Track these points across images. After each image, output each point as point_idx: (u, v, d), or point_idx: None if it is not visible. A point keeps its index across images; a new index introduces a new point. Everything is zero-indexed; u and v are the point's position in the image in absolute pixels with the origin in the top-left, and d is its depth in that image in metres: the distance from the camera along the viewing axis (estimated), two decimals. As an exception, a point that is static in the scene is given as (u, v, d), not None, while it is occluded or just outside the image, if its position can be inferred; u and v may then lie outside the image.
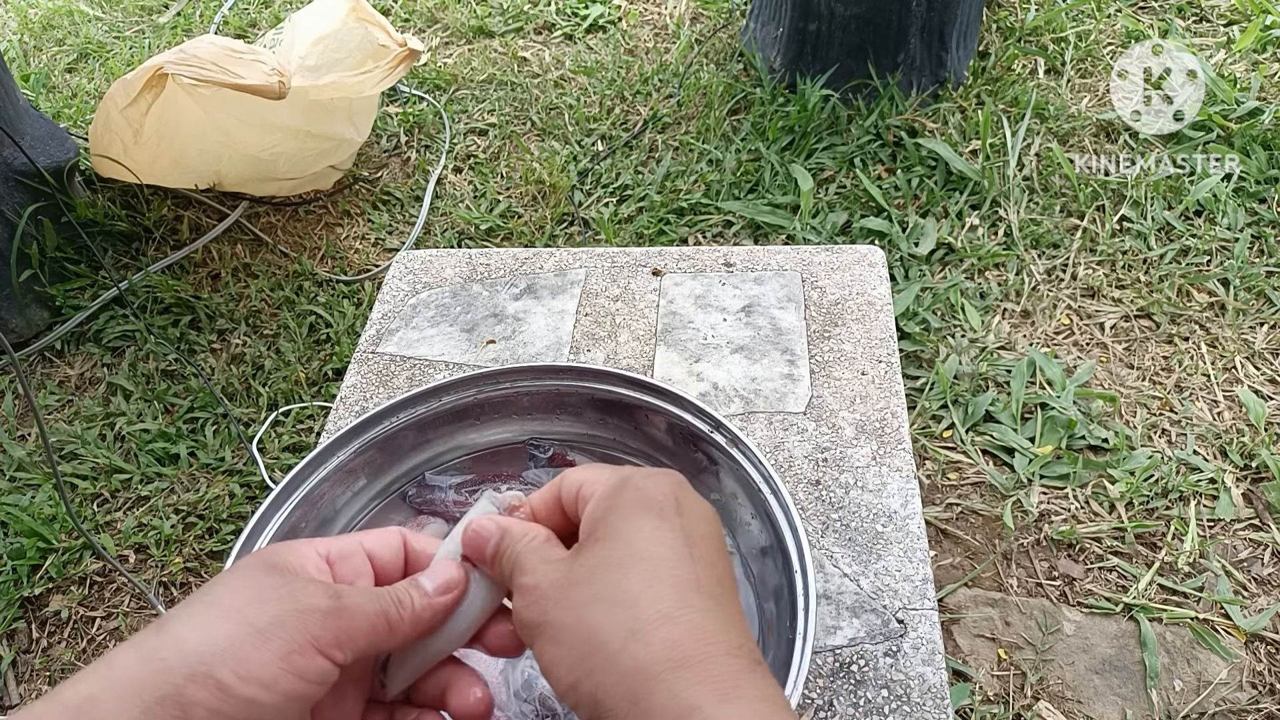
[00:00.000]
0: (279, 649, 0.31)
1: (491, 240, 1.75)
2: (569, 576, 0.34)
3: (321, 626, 0.32)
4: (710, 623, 0.32)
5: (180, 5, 2.59)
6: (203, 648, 0.31)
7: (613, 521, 0.34)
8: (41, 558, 1.28)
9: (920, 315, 1.49)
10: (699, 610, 0.32)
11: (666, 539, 0.34)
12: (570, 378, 0.68)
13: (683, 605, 0.32)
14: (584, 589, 0.33)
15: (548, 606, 0.33)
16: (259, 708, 0.31)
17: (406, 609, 0.36)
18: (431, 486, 0.68)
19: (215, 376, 1.52)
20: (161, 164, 1.62)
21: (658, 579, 0.33)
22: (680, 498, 0.36)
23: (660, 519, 0.34)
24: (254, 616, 0.32)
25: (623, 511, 0.35)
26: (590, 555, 0.34)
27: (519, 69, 2.17)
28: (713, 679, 0.30)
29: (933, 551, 1.21)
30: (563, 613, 0.33)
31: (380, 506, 0.68)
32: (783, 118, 1.86)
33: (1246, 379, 1.38)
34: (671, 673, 0.30)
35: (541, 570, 0.35)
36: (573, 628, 0.32)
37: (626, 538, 0.34)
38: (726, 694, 0.30)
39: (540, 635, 0.33)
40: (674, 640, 0.31)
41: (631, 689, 0.30)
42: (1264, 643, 1.10)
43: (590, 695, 0.31)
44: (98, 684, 0.30)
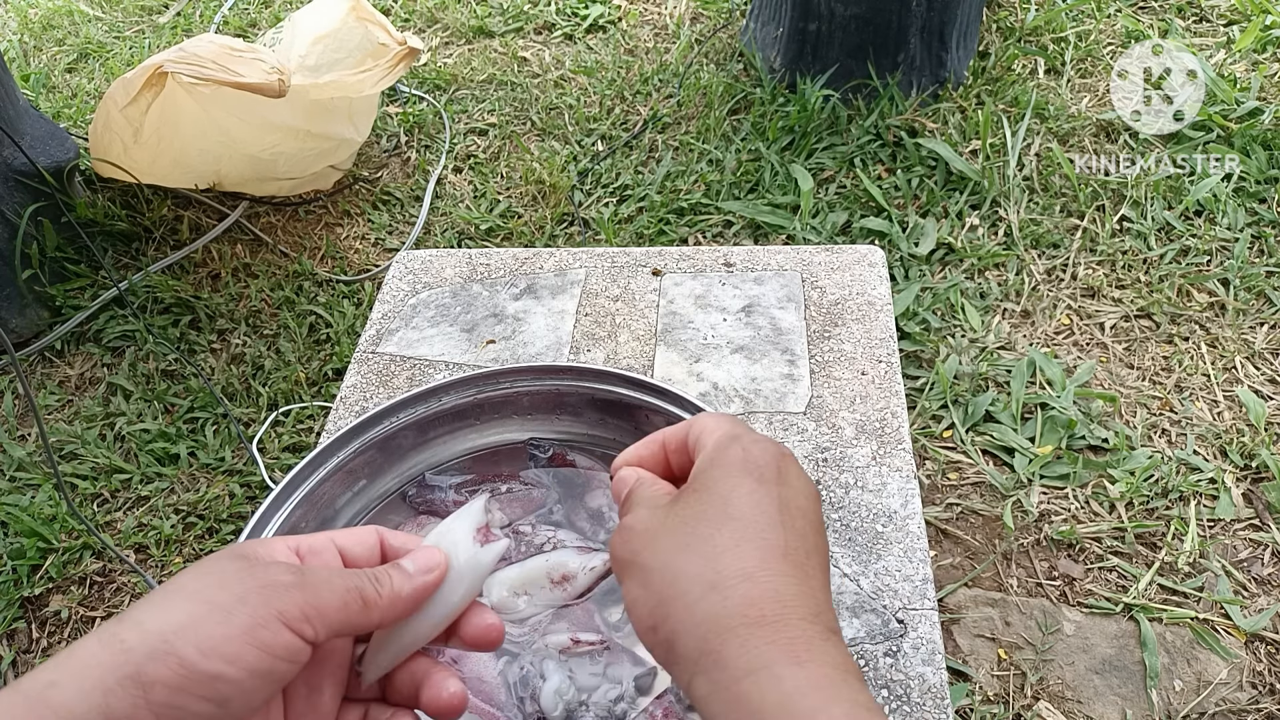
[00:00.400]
0: (243, 623, 0.31)
1: (491, 240, 1.75)
2: (664, 523, 0.35)
3: (286, 600, 0.32)
4: (790, 588, 0.32)
5: (180, 5, 2.59)
6: (163, 626, 0.30)
7: (714, 476, 0.36)
8: (41, 558, 1.28)
9: (920, 315, 1.49)
10: (780, 575, 0.33)
11: (762, 503, 0.35)
12: (570, 378, 0.68)
13: (765, 567, 0.33)
14: (675, 537, 0.34)
15: (639, 548, 0.34)
16: (224, 683, 0.30)
17: (385, 586, 0.35)
18: (431, 486, 0.68)
19: (215, 376, 1.52)
20: (161, 164, 1.62)
21: (746, 539, 0.33)
22: (783, 467, 0.36)
23: (759, 482, 0.35)
24: (216, 595, 0.31)
25: (725, 468, 0.36)
26: (686, 506, 0.35)
27: (519, 69, 2.17)
28: (786, 640, 0.31)
29: (933, 551, 1.21)
30: (651, 556, 0.34)
31: (380, 507, 0.68)
32: (783, 118, 1.86)
33: (1246, 379, 1.38)
34: (746, 628, 0.31)
35: (642, 513, 0.36)
36: (658, 572, 0.33)
37: (724, 494, 0.35)
38: (798, 656, 0.30)
39: (629, 575, 0.34)
40: (752, 598, 0.32)
41: (704, 638, 0.31)
42: (1264, 643, 1.10)
43: (666, 639, 0.32)
44: (58, 671, 0.30)
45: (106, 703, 0.29)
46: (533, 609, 0.59)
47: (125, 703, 0.29)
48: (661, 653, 0.33)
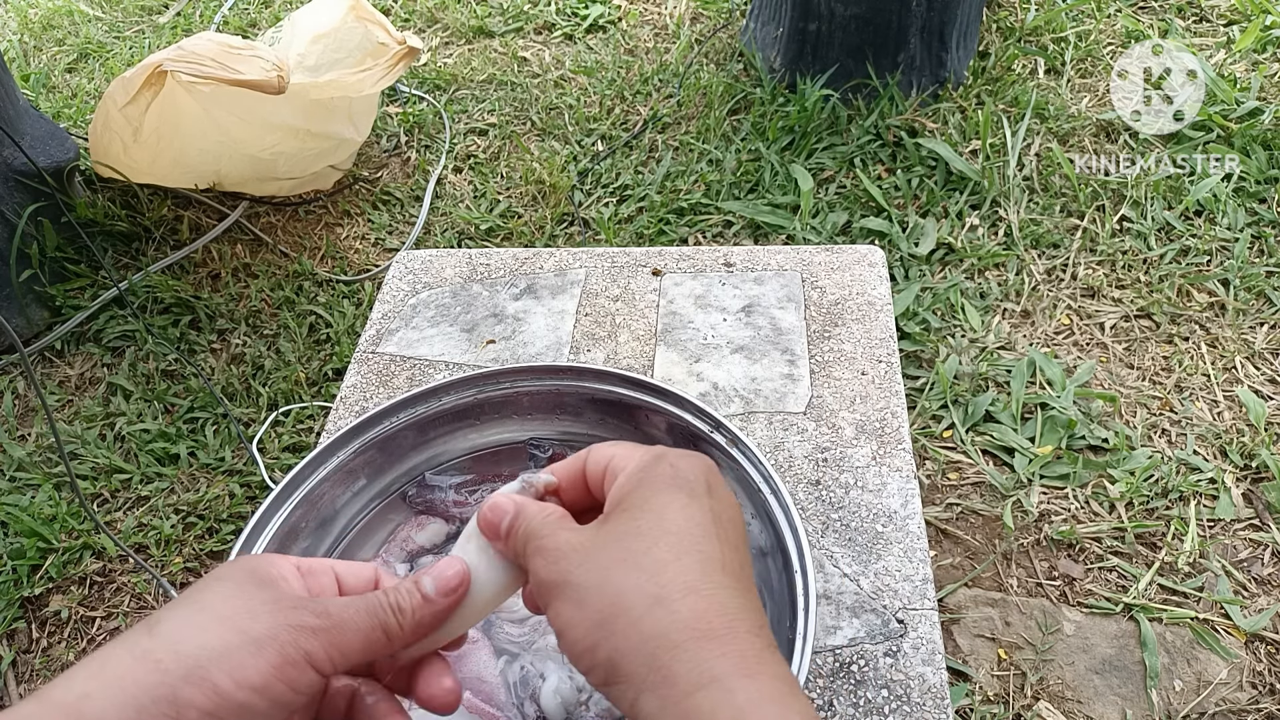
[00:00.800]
0: (273, 659, 0.32)
1: (491, 240, 1.75)
2: (595, 541, 0.34)
3: (314, 643, 0.33)
4: (734, 600, 0.32)
5: (180, 5, 2.59)
6: (198, 651, 0.31)
7: (644, 494, 0.35)
8: (41, 558, 1.28)
9: (920, 315, 1.49)
10: (724, 588, 0.33)
11: (696, 516, 0.34)
12: (570, 378, 0.68)
13: (708, 580, 0.32)
14: (611, 553, 0.33)
15: (571, 567, 0.34)
16: (250, 713, 0.31)
17: (406, 616, 0.36)
18: (431, 486, 0.68)
19: (215, 376, 1.52)
20: (161, 163, 1.62)
21: (685, 552, 0.33)
22: (710, 480, 0.36)
23: (691, 497, 0.35)
24: (248, 626, 0.32)
25: (654, 485, 0.35)
26: (619, 523, 0.34)
27: (519, 69, 2.17)
28: (736, 653, 0.31)
29: (933, 551, 1.21)
30: (586, 574, 0.33)
31: (380, 506, 0.68)
32: (783, 118, 1.86)
33: (1246, 379, 1.38)
34: (695, 642, 0.30)
35: (563, 535, 0.35)
36: (596, 589, 0.33)
37: (657, 510, 0.34)
38: (750, 669, 0.30)
39: (560, 595, 0.33)
40: (699, 611, 0.31)
41: (653, 654, 0.31)
42: (1264, 643, 1.10)
43: (608, 658, 0.31)
44: (91, 683, 0.30)
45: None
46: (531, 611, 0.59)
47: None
48: (602, 674, 0.32)
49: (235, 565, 0.35)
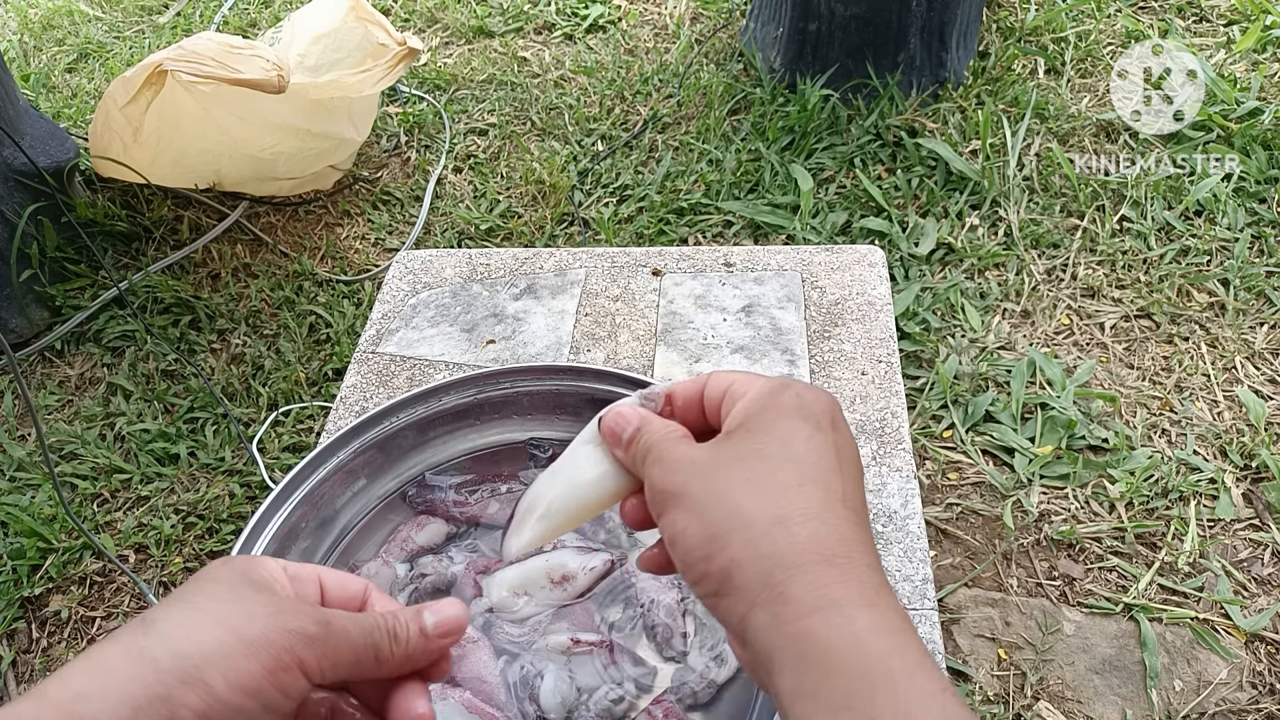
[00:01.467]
0: (266, 662, 0.32)
1: (491, 240, 1.75)
2: (717, 455, 0.34)
3: (307, 649, 0.33)
4: (854, 533, 0.32)
5: (180, 5, 2.59)
6: (193, 651, 0.31)
7: (769, 418, 0.34)
8: (41, 558, 1.28)
9: (920, 315, 1.49)
10: (844, 519, 0.32)
11: (821, 448, 0.34)
12: (570, 378, 0.68)
13: (829, 510, 0.32)
14: (733, 470, 0.33)
15: (691, 478, 0.33)
16: (241, 714, 0.31)
17: (400, 645, 0.36)
18: (431, 486, 0.68)
19: (215, 376, 1.52)
20: (161, 163, 1.62)
21: (809, 481, 0.33)
22: (835, 416, 0.36)
23: (816, 428, 0.34)
24: (243, 627, 0.32)
25: (780, 411, 0.35)
26: (742, 443, 0.34)
27: (519, 69, 2.17)
28: (857, 582, 0.30)
29: (933, 551, 1.21)
30: (706, 486, 0.33)
31: (380, 506, 0.68)
32: (783, 118, 1.86)
33: (1246, 379, 1.38)
34: (815, 565, 0.30)
35: (684, 449, 0.35)
36: (716, 501, 0.32)
37: (782, 436, 0.34)
38: (869, 599, 0.30)
39: (677, 504, 0.33)
40: (820, 537, 0.31)
41: (769, 571, 0.30)
42: (1264, 643, 1.10)
43: (722, 569, 0.31)
44: (86, 682, 0.30)
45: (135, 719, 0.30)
46: (532, 609, 0.59)
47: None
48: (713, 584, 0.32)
49: (226, 566, 0.35)
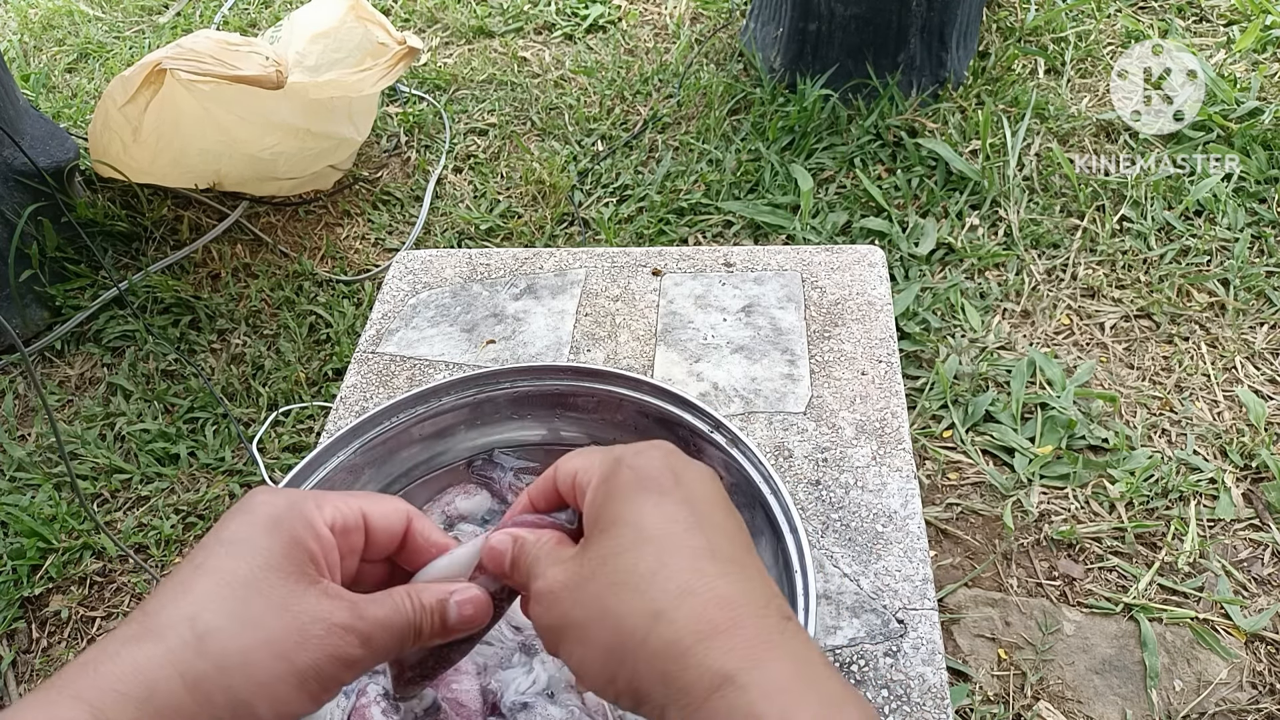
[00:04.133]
0: (314, 690, 0.33)
1: (491, 240, 1.75)
2: (580, 572, 0.33)
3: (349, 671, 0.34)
4: (731, 587, 0.31)
5: (180, 5, 2.59)
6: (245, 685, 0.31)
7: (614, 508, 0.34)
8: (41, 558, 1.28)
9: (920, 315, 1.49)
10: (717, 577, 0.32)
11: (670, 513, 0.33)
12: (570, 377, 0.68)
13: (700, 576, 0.32)
14: (599, 581, 0.33)
15: (566, 608, 0.33)
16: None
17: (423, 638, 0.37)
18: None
19: (215, 376, 1.52)
20: (161, 163, 1.62)
21: (670, 556, 0.32)
22: (674, 467, 0.35)
23: (660, 494, 0.34)
24: (294, 655, 0.32)
25: (621, 495, 0.34)
26: (599, 546, 0.34)
27: (519, 69, 2.17)
28: (743, 644, 0.30)
29: (933, 551, 1.21)
30: (582, 610, 0.32)
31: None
32: (783, 118, 1.86)
33: (1246, 379, 1.38)
34: (700, 644, 0.30)
35: (553, 572, 0.34)
36: (596, 622, 0.32)
37: (632, 521, 0.33)
38: (758, 658, 0.29)
39: (564, 637, 0.33)
40: (697, 612, 0.31)
41: (664, 670, 0.30)
42: (1264, 643, 1.10)
43: (628, 684, 0.31)
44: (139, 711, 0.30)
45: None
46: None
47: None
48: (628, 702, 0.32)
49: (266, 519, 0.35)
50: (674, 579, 0.31)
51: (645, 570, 0.32)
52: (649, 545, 0.32)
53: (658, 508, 0.33)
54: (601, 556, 0.33)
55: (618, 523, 0.33)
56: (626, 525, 0.33)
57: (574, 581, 0.33)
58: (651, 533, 0.33)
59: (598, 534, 0.34)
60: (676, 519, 0.33)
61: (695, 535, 0.33)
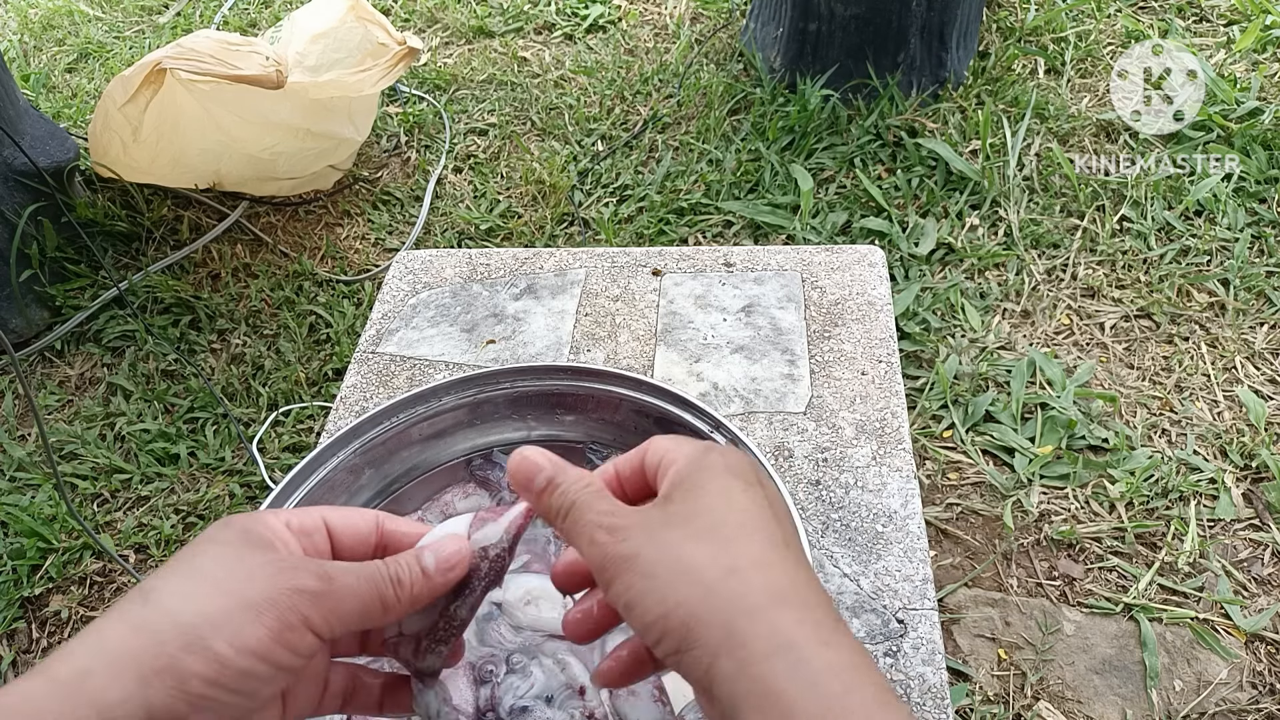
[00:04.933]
0: (271, 624, 0.32)
1: (491, 240, 1.75)
2: (662, 517, 0.34)
3: (312, 606, 0.33)
4: (803, 574, 0.33)
5: (180, 5, 2.59)
6: (197, 620, 0.31)
7: (703, 478, 0.36)
8: (41, 558, 1.28)
9: (920, 315, 1.49)
10: (792, 563, 0.33)
11: (755, 500, 0.35)
12: (570, 377, 0.68)
13: (775, 555, 0.33)
14: (680, 530, 0.34)
15: (641, 542, 0.34)
16: (252, 678, 0.32)
17: (404, 589, 0.36)
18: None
19: (215, 376, 1.52)
20: (161, 163, 1.62)
21: (753, 530, 0.34)
22: (759, 475, 0.37)
23: (747, 483, 0.36)
24: (244, 590, 0.32)
25: (712, 471, 0.36)
26: (684, 504, 0.35)
27: (519, 69, 2.17)
28: (812, 621, 0.31)
29: (933, 551, 1.21)
30: (657, 548, 0.33)
31: (380, 506, 0.68)
32: (783, 118, 1.86)
33: (1246, 379, 1.38)
34: (772, 607, 0.31)
35: (624, 511, 0.35)
36: (668, 561, 0.33)
37: (719, 491, 0.35)
38: (825, 638, 0.30)
39: (629, 568, 0.33)
40: (771, 581, 0.32)
41: (729, 619, 0.31)
42: (1264, 643, 1.10)
43: (682, 623, 0.32)
44: (90, 658, 0.30)
45: (145, 695, 0.29)
46: (529, 621, 0.59)
47: (163, 694, 0.30)
48: (675, 641, 0.32)
49: (227, 526, 0.35)
50: (752, 548, 0.33)
51: (729, 533, 0.33)
52: (734, 515, 0.34)
53: (744, 492, 0.35)
54: (684, 511, 0.34)
55: (705, 489, 0.35)
56: (715, 494, 0.35)
57: (650, 524, 0.34)
58: (737, 507, 0.35)
59: (681, 493, 0.35)
60: (761, 506, 0.35)
61: (774, 525, 0.35)
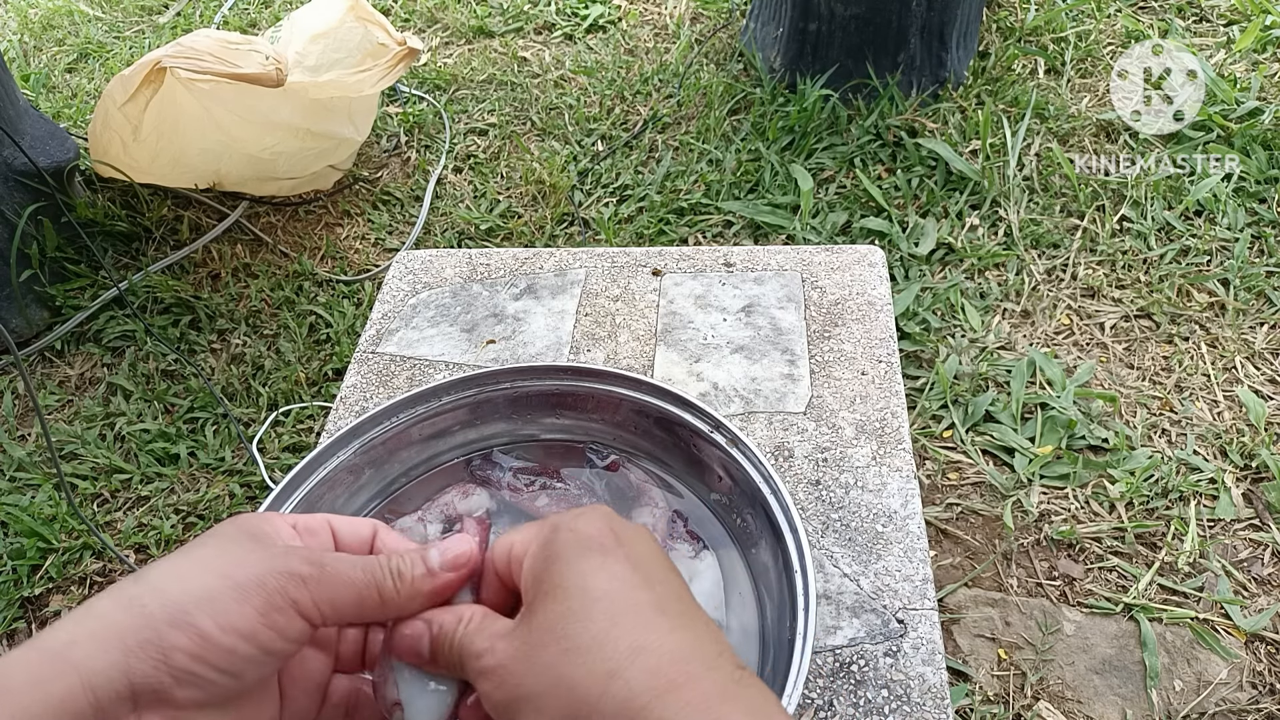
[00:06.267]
0: (259, 605, 0.32)
1: (491, 240, 1.75)
2: (529, 641, 0.32)
3: (300, 589, 0.33)
4: (682, 642, 0.31)
5: (180, 5, 2.59)
6: (183, 597, 0.31)
7: (556, 571, 0.33)
8: (41, 558, 1.28)
9: (920, 315, 1.49)
10: (668, 632, 0.32)
11: (615, 571, 0.33)
12: (569, 378, 0.68)
13: (651, 632, 0.31)
14: (550, 648, 0.32)
15: (519, 680, 0.32)
16: (237, 658, 0.31)
17: (405, 583, 0.35)
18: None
19: (215, 376, 1.52)
20: (161, 162, 1.62)
21: (620, 613, 0.32)
22: (614, 528, 0.35)
23: (603, 554, 0.34)
24: (234, 572, 0.32)
25: (563, 558, 0.34)
26: (545, 612, 0.33)
27: (519, 69, 2.17)
28: (699, 699, 0.30)
29: (933, 551, 1.21)
30: (536, 680, 0.32)
31: (381, 506, 0.68)
32: (783, 118, 1.86)
33: (1246, 379, 1.38)
34: (657, 700, 0.29)
35: (499, 647, 0.33)
36: (550, 691, 0.31)
37: (577, 583, 0.33)
38: (716, 714, 0.29)
39: (520, 711, 0.32)
40: (651, 668, 0.30)
41: None
42: (1264, 643, 1.10)
43: None
44: (77, 629, 0.30)
45: (127, 662, 0.29)
46: None
47: (146, 665, 0.30)
48: None
49: (231, 523, 0.35)
50: (625, 637, 0.31)
51: (597, 631, 0.31)
52: (597, 605, 0.32)
53: (602, 567, 0.33)
54: (549, 624, 0.32)
55: (562, 586, 0.33)
56: (572, 588, 0.33)
57: (523, 652, 0.32)
58: (598, 593, 0.32)
59: (541, 600, 0.33)
60: (622, 577, 0.33)
61: (642, 592, 0.33)
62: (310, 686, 0.38)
